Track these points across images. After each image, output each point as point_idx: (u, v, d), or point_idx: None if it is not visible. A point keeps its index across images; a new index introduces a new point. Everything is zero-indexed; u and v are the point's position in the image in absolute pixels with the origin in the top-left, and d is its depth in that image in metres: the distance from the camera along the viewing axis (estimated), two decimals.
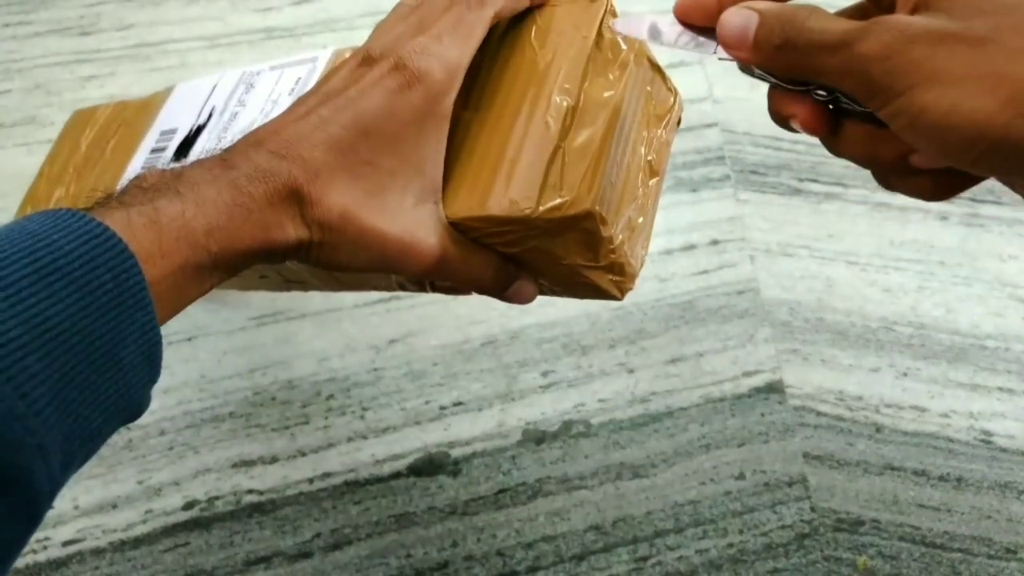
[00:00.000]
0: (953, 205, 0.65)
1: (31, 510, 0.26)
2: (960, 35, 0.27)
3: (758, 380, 0.58)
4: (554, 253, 0.36)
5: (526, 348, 0.60)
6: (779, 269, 0.63)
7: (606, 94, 0.36)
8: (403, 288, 0.44)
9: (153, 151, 0.50)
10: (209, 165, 0.32)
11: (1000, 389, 0.58)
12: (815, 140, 0.34)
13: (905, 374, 0.58)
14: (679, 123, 0.41)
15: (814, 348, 0.59)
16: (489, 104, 0.37)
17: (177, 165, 0.33)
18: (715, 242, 0.64)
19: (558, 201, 0.34)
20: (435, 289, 0.43)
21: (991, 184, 0.65)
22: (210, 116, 0.48)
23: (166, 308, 0.30)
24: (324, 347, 0.60)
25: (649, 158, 0.38)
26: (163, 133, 0.50)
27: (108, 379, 0.27)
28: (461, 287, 0.40)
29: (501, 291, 0.38)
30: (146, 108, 0.53)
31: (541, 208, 0.34)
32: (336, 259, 0.34)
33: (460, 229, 0.36)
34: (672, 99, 0.40)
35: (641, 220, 0.38)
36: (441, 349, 0.60)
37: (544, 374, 0.59)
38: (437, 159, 0.35)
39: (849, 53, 0.28)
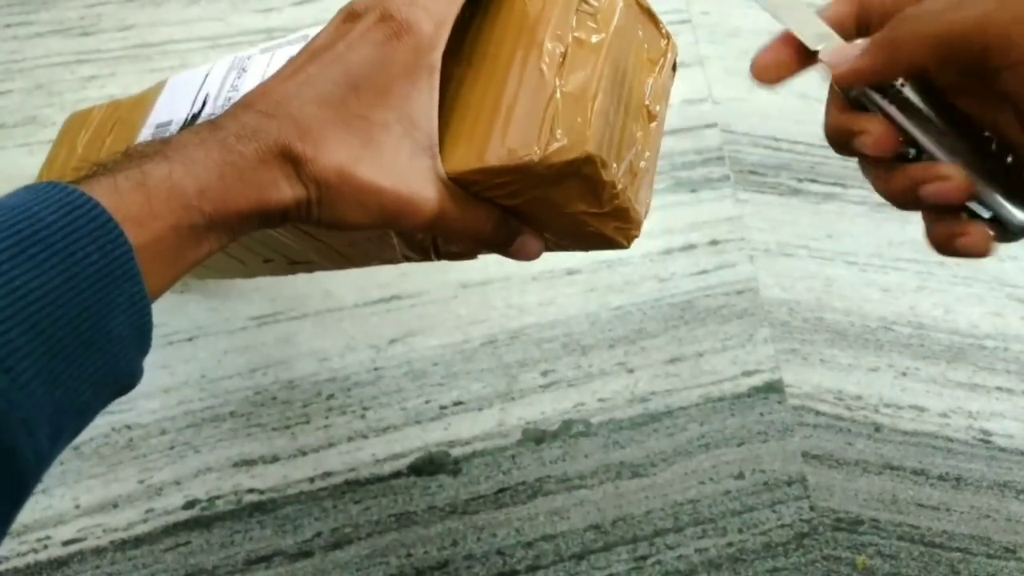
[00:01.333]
0: None
1: (17, 484, 0.25)
2: None
3: (757, 380, 0.58)
4: (556, 202, 0.35)
5: (526, 348, 0.60)
6: (778, 269, 0.63)
7: (596, 38, 0.36)
8: (408, 259, 0.44)
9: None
10: (197, 129, 0.32)
11: (999, 389, 0.58)
12: (814, 140, 0.34)
13: (904, 374, 0.58)
14: (675, 67, 0.41)
15: (813, 348, 0.60)
16: (481, 58, 0.37)
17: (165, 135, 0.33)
18: (715, 242, 0.64)
19: (556, 146, 0.33)
20: (441, 255, 0.42)
21: None
22: (204, 104, 0.48)
23: (164, 272, 0.30)
24: (324, 347, 0.60)
25: (646, 103, 0.38)
26: (158, 126, 0.50)
27: (97, 351, 0.27)
28: (465, 244, 0.39)
29: (505, 246, 0.38)
30: (140, 104, 0.53)
31: (540, 155, 0.33)
32: (336, 216, 0.33)
33: (461, 184, 0.35)
34: (665, 43, 0.40)
35: (643, 165, 0.38)
36: (441, 349, 0.60)
37: (544, 374, 0.59)
38: (430, 112, 0.34)
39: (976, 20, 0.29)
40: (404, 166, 0.34)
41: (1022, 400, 0.57)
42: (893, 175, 0.33)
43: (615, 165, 0.35)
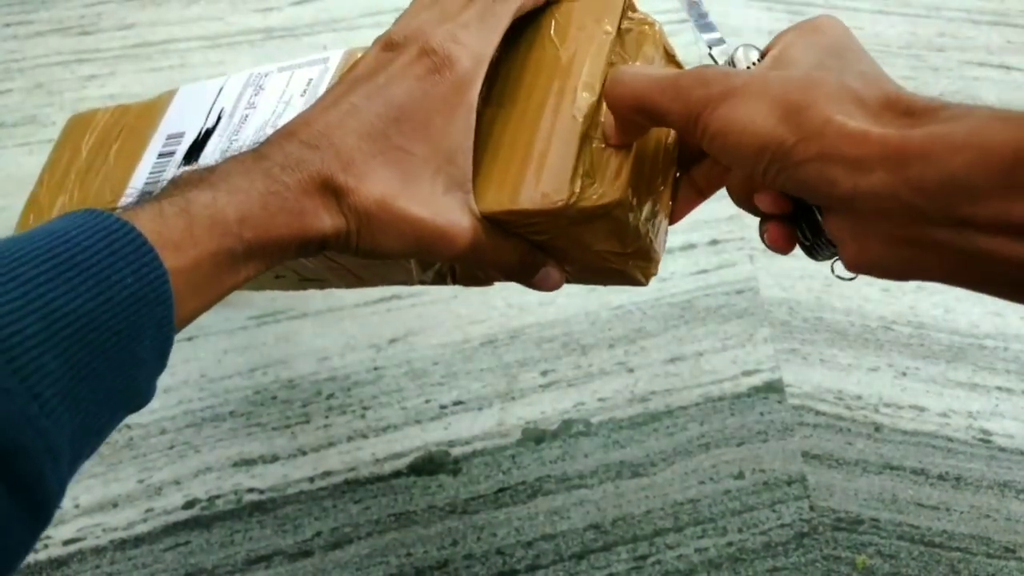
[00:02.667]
0: None
1: (41, 512, 0.25)
2: (754, 70, 0.31)
3: (757, 379, 0.58)
4: (583, 241, 0.37)
5: (526, 347, 0.60)
6: (778, 268, 0.63)
7: None
8: (423, 283, 0.44)
9: (161, 156, 0.49)
10: (242, 158, 0.32)
11: (999, 388, 0.58)
12: None
13: (904, 373, 0.58)
14: None
15: (813, 347, 0.60)
16: (512, 100, 0.38)
17: (210, 163, 0.33)
18: (714, 241, 0.64)
19: (591, 191, 0.34)
20: (457, 281, 0.43)
21: None
22: (219, 119, 0.48)
23: (199, 298, 0.30)
24: (325, 346, 0.60)
25: (668, 143, 0.39)
26: (170, 137, 0.50)
27: (121, 374, 0.27)
28: (489, 273, 0.41)
29: (529, 277, 0.39)
30: (149, 112, 0.53)
31: (573, 199, 0.34)
32: (375, 246, 0.34)
33: (491, 222, 0.36)
34: None
35: (662, 205, 0.39)
36: (441, 348, 0.60)
37: (544, 373, 0.59)
38: (466, 148, 0.35)
39: (677, 90, 0.32)
40: (440, 199, 0.34)
41: (1022, 400, 0.57)
42: (729, 183, 0.37)
43: (641, 210, 0.36)
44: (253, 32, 0.76)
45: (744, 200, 0.36)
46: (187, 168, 0.33)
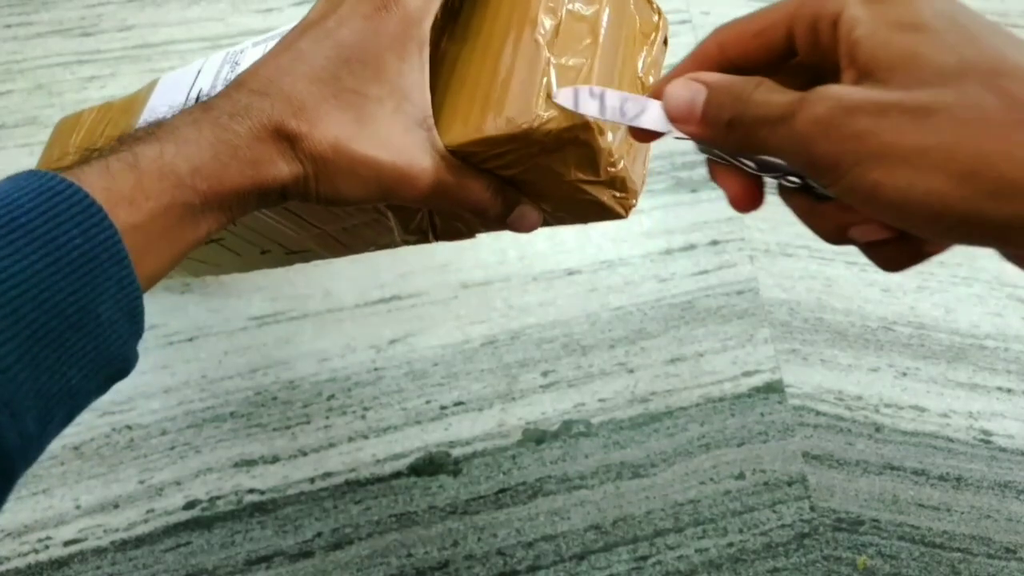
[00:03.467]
0: None
1: (2, 467, 0.25)
2: (903, 106, 0.24)
3: (758, 380, 0.58)
4: (555, 170, 0.36)
5: (526, 348, 0.60)
6: (779, 269, 0.63)
7: (589, 11, 0.36)
8: (407, 242, 0.44)
9: None
10: (190, 110, 0.32)
11: (999, 389, 0.58)
12: None
13: (904, 374, 0.58)
14: (666, 42, 0.42)
15: (813, 348, 0.60)
16: (474, 34, 0.37)
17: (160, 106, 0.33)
18: (715, 242, 0.64)
19: (554, 113, 0.34)
20: (439, 236, 0.42)
21: None
22: (197, 99, 0.48)
23: (160, 254, 0.30)
24: (325, 347, 0.60)
25: (639, 75, 0.39)
26: (150, 125, 0.50)
27: (85, 335, 0.27)
28: (470, 223, 0.40)
29: (503, 216, 0.38)
30: (132, 104, 0.53)
31: (537, 122, 0.33)
32: (334, 191, 0.33)
33: (459, 157, 0.36)
34: (656, 18, 0.41)
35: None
36: (442, 349, 0.60)
37: (544, 374, 0.59)
38: (421, 85, 0.34)
39: (790, 128, 0.26)
40: (399, 138, 0.34)
41: (1022, 400, 0.57)
42: (815, 220, 0.30)
43: (611, 134, 0.35)
44: (253, 33, 0.76)
45: (835, 236, 0.30)
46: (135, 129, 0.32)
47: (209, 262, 0.55)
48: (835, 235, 0.29)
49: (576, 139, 0.34)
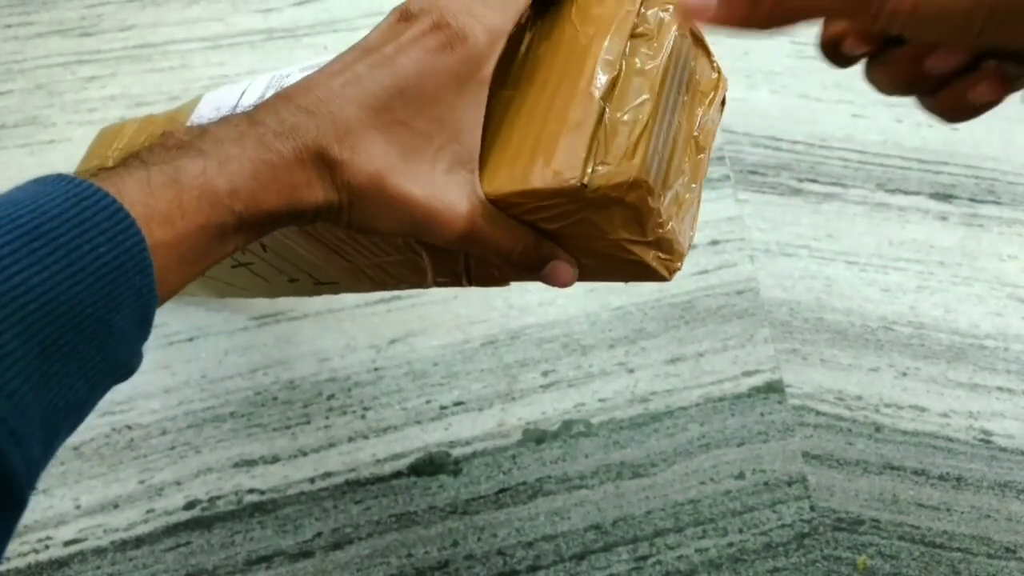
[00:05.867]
0: (952, 205, 0.65)
1: (9, 499, 0.24)
2: None
3: (758, 380, 0.58)
4: (599, 228, 0.35)
5: (526, 348, 0.60)
6: (779, 269, 0.63)
7: (649, 65, 0.35)
8: (439, 284, 0.43)
9: None
10: (236, 121, 0.31)
11: (999, 389, 0.58)
12: (815, 140, 0.34)
13: (904, 374, 0.58)
14: (724, 102, 0.40)
15: (814, 348, 0.60)
16: (529, 81, 0.36)
17: (203, 123, 0.31)
18: (715, 242, 0.64)
19: (604, 170, 0.32)
20: (472, 281, 0.41)
21: (991, 184, 0.65)
22: None
23: (185, 270, 0.29)
24: (325, 347, 0.60)
25: (695, 134, 0.37)
26: None
27: (96, 346, 0.25)
28: (495, 264, 0.39)
29: (536, 269, 0.37)
30: (174, 118, 0.53)
31: (586, 178, 0.32)
32: (365, 222, 0.33)
33: (501, 206, 0.35)
34: (716, 76, 0.39)
35: (688, 196, 0.37)
36: (442, 349, 0.60)
37: (544, 374, 0.59)
38: (474, 127, 0.34)
39: None
40: (440, 178, 0.33)
41: (1022, 400, 0.57)
42: (935, 98, 0.31)
43: (662, 194, 0.34)
44: (254, 33, 0.76)
45: (908, 80, 0.31)
46: (179, 128, 0.31)
47: (236, 285, 0.55)
48: (910, 76, 0.30)
49: (624, 198, 0.33)
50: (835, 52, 0.32)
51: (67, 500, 0.54)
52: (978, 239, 0.64)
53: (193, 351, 0.60)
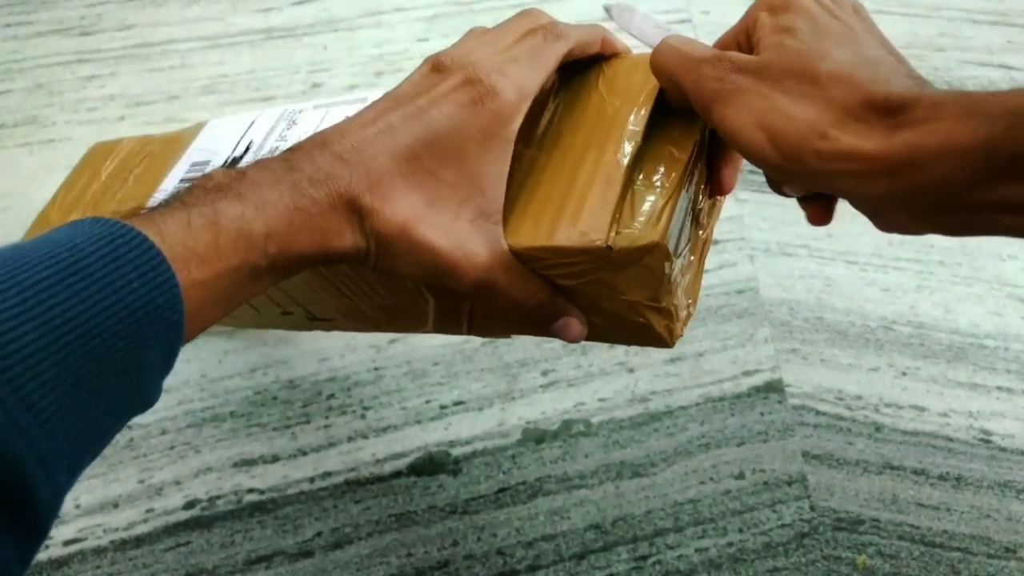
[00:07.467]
0: None
1: (35, 525, 0.25)
2: (760, 69, 0.32)
3: (757, 379, 0.58)
4: (615, 287, 0.36)
5: (526, 347, 0.60)
6: (778, 269, 0.63)
7: (676, 149, 0.37)
8: (439, 330, 0.44)
9: (182, 181, 0.49)
10: (273, 166, 0.32)
11: (999, 388, 0.58)
12: None
13: (904, 373, 0.58)
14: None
15: (813, 347, 0.60)
16: (555, 144, 0.38)
17: (241, 166, 0.33)
18: (715, 242, 0.64)
19: (628, 232, 0.34)
20: (472, 329, 0.43)
21: None
22: (247, 149, 0.47)
23: (216, 309, 0.30)
24: (325, 346, 0.60)
25: (700, 207, 0.39)
26: (194, 164, 0.49)
27: (124, 380, 0.26)
28: (506, 318, 0.40)
29: (547, 323, 0.38)
30: (175, 141, 0.53)
31: (611, 240, 0.34)
32: (392, 267, 0.34)
33: (522, 259, 0.36)
34: None
35: (691, 268, 0.39)
36: (442, 348, 0.60)
37: (544, 373, 0.59)
38: (499, 181, 0.35)
39: (697, 73, 0.33)
40: (463, 227, 0.34)
41: (1022, 400, 0.57)
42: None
43: (675, 262, 0.36)
44: (253, 32, 0.76)
45: (775, 186, 0.38)
46: (217, 170, 0.32)
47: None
48: (775, 186, 0.39)
49: (644, 260, 0.34)
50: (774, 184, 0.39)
51: (67, 500, 0.54)
52: (978, 239, 0.64)
53: (193, 351, 0.60)
